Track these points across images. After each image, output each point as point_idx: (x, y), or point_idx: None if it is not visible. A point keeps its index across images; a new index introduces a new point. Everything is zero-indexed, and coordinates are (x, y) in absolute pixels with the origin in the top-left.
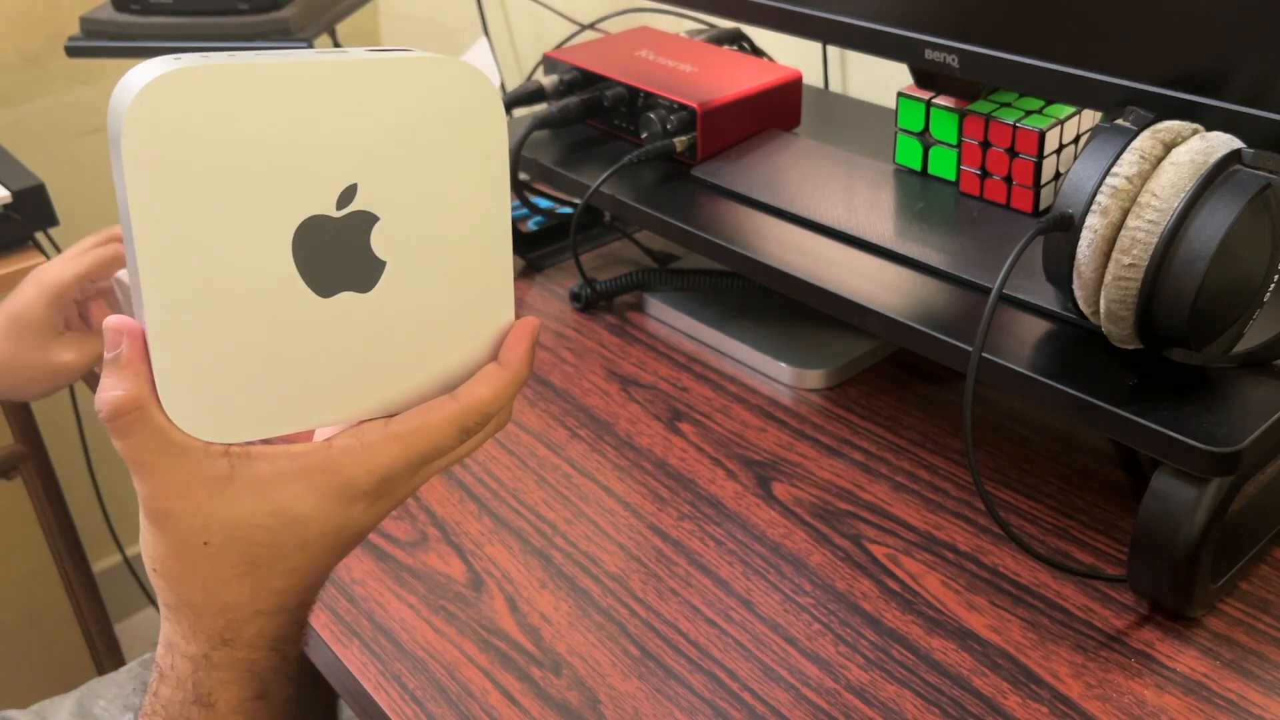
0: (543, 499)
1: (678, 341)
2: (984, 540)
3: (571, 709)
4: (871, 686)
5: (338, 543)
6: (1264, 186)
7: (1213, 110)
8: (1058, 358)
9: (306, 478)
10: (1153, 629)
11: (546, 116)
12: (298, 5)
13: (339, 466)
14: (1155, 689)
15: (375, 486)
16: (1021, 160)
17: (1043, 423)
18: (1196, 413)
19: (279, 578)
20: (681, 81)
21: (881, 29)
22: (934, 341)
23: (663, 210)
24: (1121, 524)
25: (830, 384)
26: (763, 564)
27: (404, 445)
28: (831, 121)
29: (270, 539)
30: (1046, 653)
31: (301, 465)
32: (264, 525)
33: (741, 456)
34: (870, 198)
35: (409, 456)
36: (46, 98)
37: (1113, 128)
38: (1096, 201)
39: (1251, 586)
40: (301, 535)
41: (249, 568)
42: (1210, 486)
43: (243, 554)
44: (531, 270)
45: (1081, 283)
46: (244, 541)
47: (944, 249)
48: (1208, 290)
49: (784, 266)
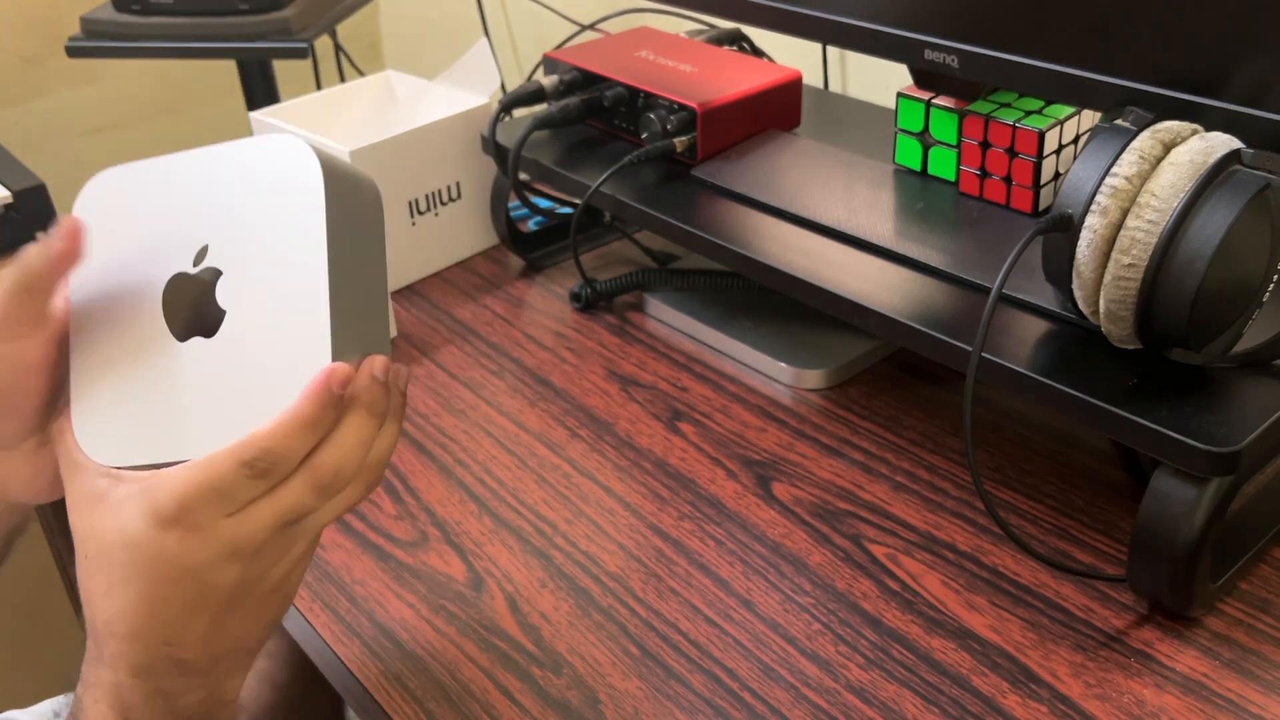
0: (543, 499)
1: (678, 341)
2: (984, 540)
3: (572, 708)
4: (871, 686)
5: (171, 576)
6: (1263, 186)
7: (1212, 110)
8: (1057, 358)
9: (137, 499)
10: (1152, 629)
11: (547, 117)
12: (298, 5)
13: (150, 489)
14: (1155, 688)
15: (174, 511)
16: (1021, 160)
17: (1042, 423)
18: (1196, 413)
19: (133, 602)
20: (681, 82)
21: (881, 29)
22: (934, 341)
23: (663, 210)
24: (1121, 524)
25: (830, 384)
26: (763, 564)
27: (191, 471)
28: (831, 122)
29: (122, 558)
30: (1046, 652)
31: (139, 488)
32: (117, 543)
33: (741, 456)
34: (870, 198)
35: (198, 483)
36: (47, 98)
37: (1112, 128)
38: (1096, 202)
39: (1251, 586)
40: (138, 558)
41: (110, 585)
42: (1210, 486)
43: (106, 571)
44: (531, 270)
45: (1081, 283)
46: (106, 558)
47: (943, 249)
48: (1207, 290)
49: (784, 266)
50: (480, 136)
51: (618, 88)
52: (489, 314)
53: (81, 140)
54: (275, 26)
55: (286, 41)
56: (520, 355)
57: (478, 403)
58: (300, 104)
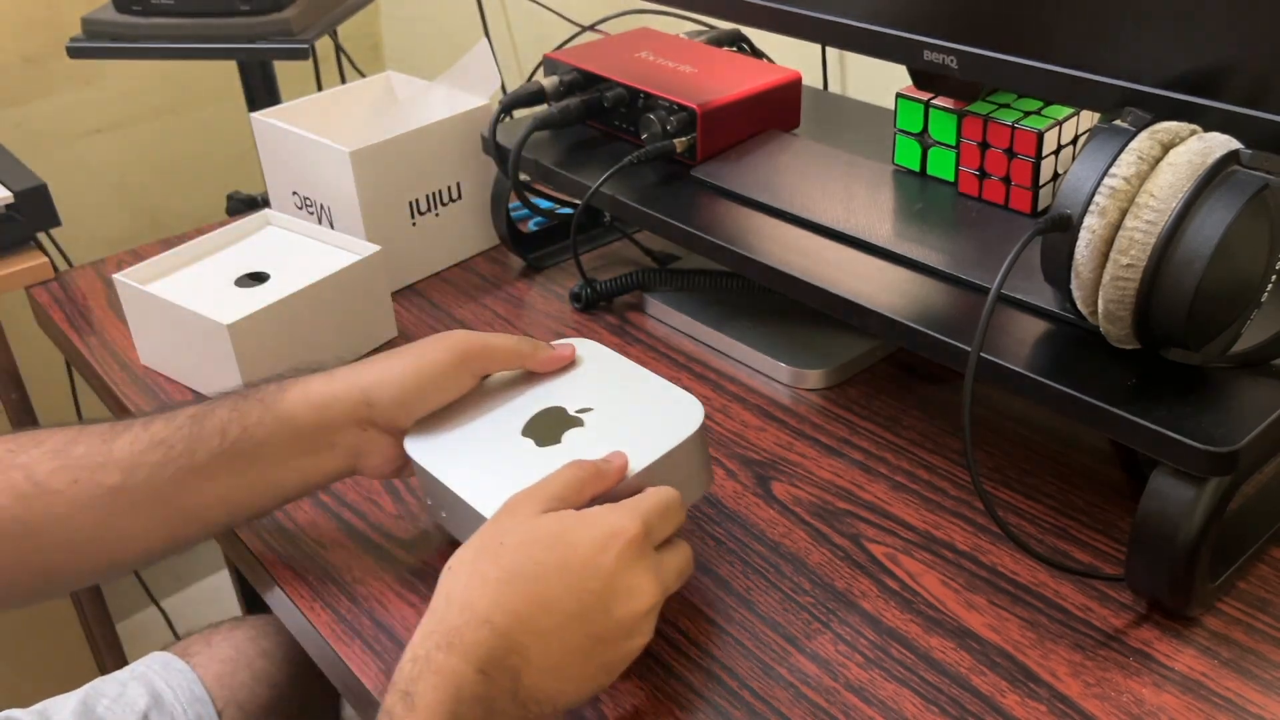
0: None
1: (678, 341)
2: (983, 539)
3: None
4: (870, 685)
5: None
6: (1262, 187)
7: (1211, 111)
8: (1056, 358)
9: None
10: (1151, 628)
11: (547, 117)
12: (299, 6)
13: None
14: (1153, 687)
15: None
16: (1020, 161)
17: (1041, 422)
18: (1194, 412)
19: (523, 601)
20: (681, 82)
21: (880, 30)
22: (933, 341)
23: (663, 211)
24: (1120, 523)
25: (829, 384)
26: (762, 563)
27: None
28: (831, 122)
29: (547, 556)
30: (1045, 651)
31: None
32: (549, 541)
33: (741, 456)
34: (869, 198)
35: (653, 503)
36: (48, 98)
37: (1111, 128)
38: (1095, 202)
39: (1249, 586)
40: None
41: (514, 575)
42: (1208, 486)
43: (522, 562)
44: (532, 270)
45: (1080, 283)
46: (529, 548)
47: (943, 249)
48: (1205, 290)
49: (784, 267)
50: (480, 137)
51: (618, 88)
52: (489, 314)
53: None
54: (276, 27)
55: (287, 42)
56: None
57: None
58: (301, 105)
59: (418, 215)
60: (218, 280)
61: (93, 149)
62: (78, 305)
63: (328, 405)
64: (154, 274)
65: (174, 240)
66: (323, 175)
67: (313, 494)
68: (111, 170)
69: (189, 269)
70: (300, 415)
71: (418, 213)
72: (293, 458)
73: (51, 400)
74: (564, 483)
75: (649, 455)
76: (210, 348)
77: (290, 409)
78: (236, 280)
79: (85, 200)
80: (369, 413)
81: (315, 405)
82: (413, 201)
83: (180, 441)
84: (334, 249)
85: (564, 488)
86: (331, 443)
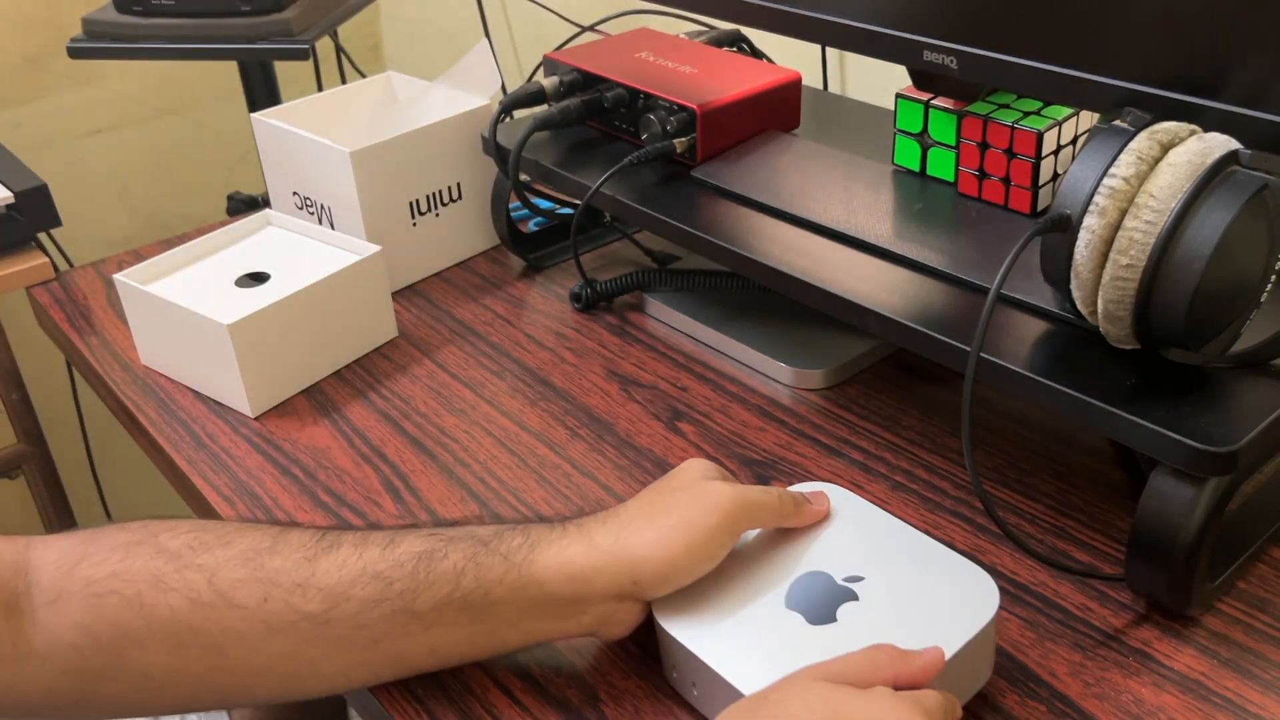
0: (543, 498)
1: (678, 341)
2: (982, 539)
3: (572, 706)
4: None
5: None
6: (1261, 187)
7: (1210, 111)
8: (1056, 358)
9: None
10: (1150, 628)
11: (547, 118)
12: (299, 7)
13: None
14: (1153, 687)
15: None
16: (1019, 161)
17: (1041, 422)
18: (1194, 412)
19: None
20: (681, 83)
21: (880, 30)
22: (932, 341)
23: (663, 211)
24: (1119, 523)
25: (829, 384)
26: None
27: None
28: (830, 123)
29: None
30: (1044, 651)
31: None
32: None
33: (741, 456)
34: (869, 199)
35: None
36: (48, 99)
37: (1110, 129)
38: (1094, 202)
39: (1249, 585)
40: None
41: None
42: (1208, 486)
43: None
44: (532, 271)
45: (1079, 283)
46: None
47: (942, 249)
48: (1205, 290)
49: (784, 267)
50: (481, 137)
51: (618, 89)
52: (489, 314)
53: (82, 140)
54: (276, 28)
55: (287, 43)
56: (521, 355)
57: (478, 402)
58: (301, 105)
59: (418, 215)
60: (218, 280)
61: (93, 149)
62: (78, 305)
63: (588, 579)
64: (154, 274)
65: (174, 240)
66: (323, 175)
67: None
68: (112, 170)
69: (189, 269)
70: (553, 584)
71: (418, 213)
72: (530, 621)
73: (52, 400)
74: (857, 664)
75: (949, 646)
76: (211, 348)
77: (542, 575)
78: (237, 280)
79: (86, 200)
80: (633, 589)
81: (573, 577)
82: (413, 202)
83: (401, 580)
84: (334, 249)
85: (856, 668)
86: (582, 612)
